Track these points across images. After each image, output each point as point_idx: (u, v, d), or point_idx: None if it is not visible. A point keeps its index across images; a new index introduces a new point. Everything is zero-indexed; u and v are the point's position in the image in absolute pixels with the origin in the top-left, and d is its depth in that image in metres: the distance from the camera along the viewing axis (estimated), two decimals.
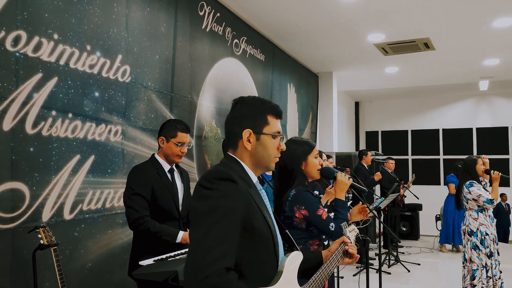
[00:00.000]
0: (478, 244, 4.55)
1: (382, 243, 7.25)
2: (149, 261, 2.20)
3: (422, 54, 8.09)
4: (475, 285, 4.52)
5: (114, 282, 3.81)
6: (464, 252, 4.67)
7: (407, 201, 8.89)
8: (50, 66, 3.26)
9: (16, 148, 3.04)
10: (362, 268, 6.23)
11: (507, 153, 12.58)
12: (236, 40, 6.08)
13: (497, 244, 4.65)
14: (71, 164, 3.48)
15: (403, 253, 7.48)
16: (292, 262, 1.60)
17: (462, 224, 4.75)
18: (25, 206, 3.12)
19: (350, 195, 6.60)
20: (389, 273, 6.10)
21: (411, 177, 8.71)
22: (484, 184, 4.77)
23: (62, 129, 3.38)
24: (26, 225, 3.05)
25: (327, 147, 9.77)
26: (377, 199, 4.63)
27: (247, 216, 1.45)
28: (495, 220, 4.70)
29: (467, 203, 4.65)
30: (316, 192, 3.90)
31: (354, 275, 5.93)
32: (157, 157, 2.82)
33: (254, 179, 1.61)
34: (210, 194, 1.41)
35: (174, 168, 3.07)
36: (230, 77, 5.94)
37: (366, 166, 6.80)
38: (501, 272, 4.62)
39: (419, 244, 8.43)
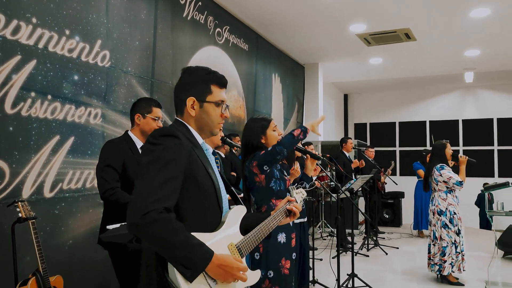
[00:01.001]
0: (448, 222, 4.74)
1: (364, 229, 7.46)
2: (116, 225, 2.34)
3: (404, 45, 8.26)
4: (446, 261, 4.73)
5: (95, 260, 3.95)
6: (433, 230, 4.87)
7: (389, 189, 9.08)
8: (28, 49, 3.39)
9: None
10: (341, 251, 6.41)
11: (492, 144, 12.80)
12: (218, 29, 6.21)
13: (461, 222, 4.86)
14: (50, 144, 3.61)
15: (383, 238, 7.68)
16: (234, 213, 1.76)
17: (430, 205, 4.94)
18: (5, 183, 3.25)
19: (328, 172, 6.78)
20: (367, 256, 6.30)
21: (391, 165, 8.88)
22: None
23: (41, 110, 3.51)
24: (6, 201, 3.18)
25: (313, 136, 9.92)
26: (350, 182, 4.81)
27: (190, 169, 1.61)
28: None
29: (437, 185, 4.84)
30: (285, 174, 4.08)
31: (333, 258, 6.11)
32: (131, 134, 2.93)
33: (200, 140, 1.77)
34: (154, 148, 1.58)
35: None
36: (212, 65, 5.98)
37: (346, 153, 6.96)
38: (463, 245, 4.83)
39: (400, 230, 8.63)
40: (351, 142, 7.03)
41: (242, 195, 3.32)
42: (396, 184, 7.71)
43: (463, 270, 4.76)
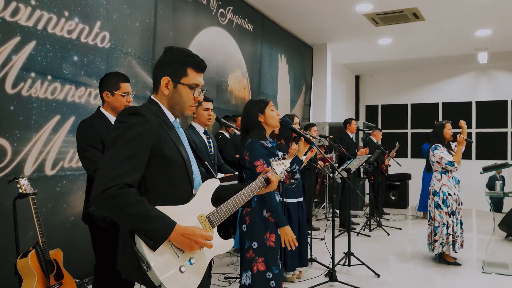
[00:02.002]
0: (440, 203, 4.75)
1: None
2: None
3: (413, 24, 8.14)
4: (436, 240, 4.77)
5: None
6: (429, 211, 4.91)
7: (396, 171, 9.06)
8: (28, 30, 3.48)
9: None
10: (342, 231, 6.49)
11: (506, 127, 12.62)
12: (221, 10, 6.22)
13: (459, 205, 4.84)
14: (51, 124, 3.73)
15: (388, 219, 7.72)
16: (206, 186, 1.83)
17: (429, 185, 4.96)
18: (7, 160, 3.39)
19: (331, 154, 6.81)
20: (369, 236, 6.36)
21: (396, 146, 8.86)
22: (454, 147, 4.96)
23: (41, 90, 3.62)
24: (8, 177, 3.31)
25: (321, 118, 9.94)
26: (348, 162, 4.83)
27: (157, 146, 1.67)
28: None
29: (433, 165, 4.85)
30: (281, 154, 4.13)
31: (335, 237, 6.18)
32: (103, 110, 2.88)
33: (172, 118, 1.82)
34: (119, 126, 1.65)
35: None
36: (214, 47, 6.10)
37: (350, 134, 6.96)
38: (462, 230, 4.83)
39: (406, 212, 8.65)
40: (355, 123, 7.02)
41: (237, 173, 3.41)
42: (400, 166, 7.71)
43: (456, 252, 4.76)
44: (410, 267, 4.86)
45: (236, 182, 3.25)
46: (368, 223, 6.73)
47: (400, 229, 6.89)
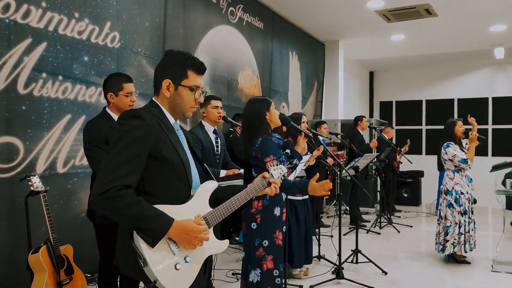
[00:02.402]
0: (453, 202, 4.71)
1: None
2: None
3: (426, 20, 8.06)
4: (448, 240, 4.72)
5: None
6: (440, 210, 4.87)
7: (408, 168, 8.99)
8: (39, 32, 3.57)
9: (9, 106, 3.39)
10: (352, 229, 6.50)
11: None
12: (231, 8, 6.26)
13: (473, 204, 4.82)
14: (62, 123, 3.82)
15: (399, 217, 7.69)
16: (204, 188, 1.88)
17: (440, 184, 4.93)
18: (19, 159, 3.49)
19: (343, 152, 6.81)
20: (379, 234, 6.35)
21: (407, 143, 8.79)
22: (465, 144, 4.91)
23: (52, 90, 3.71)
24: (21, 175, 3.41)
25: (333, 114, 9.92)
26: (356, 160, 4.83)
27: (156, 148, 1.72)
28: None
29: (445, 163, 4.80)
30: (288, 151, 4.16)
31: (344, 235, 6.20)
32: (108, 111, 2.95)
33: (172, 120, 1.87)
34: (121, 129, 1.71)
35: None
36: (224, 45, 6.14)
37: (361, 132, 6.94)
38: (474, 229, 4.79)
39: (418, 209, 8.59)
40: (366, 120, 7.01)
41: (242, 170, 3.44)
42: (411, 163, 7.66)
43: (466, 252, 4.72)
44: (419, 265, 4.85)
45: (241, 180, 3.28)
46: (378, 221, 6.72)
47: (411, 226, 6.86)
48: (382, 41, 9.77)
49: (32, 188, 3.15)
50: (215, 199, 1.90)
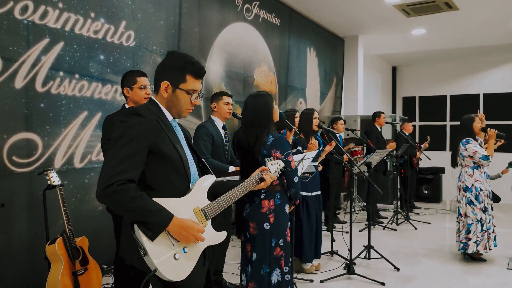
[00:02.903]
0: (473, 199, 4.65)
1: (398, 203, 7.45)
2: None
3: (446, 14, 7.92)
4: (470, 239, 4.65)
5: None
6: (458, 207, 4.80)
7: (430, 164, 8.86)
8: (56, 32, 3.70)
9: (28, 103, 3.54)
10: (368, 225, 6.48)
11: None
12: (247, 5, 6.31)
13: (491, 200, 4.75)
14: (79, 119, 3.96)
15: (418, 213, 7.61)
16: (202, 182, 1.95)
17: (457, 181, 4.85)
18: (38, 154, 3.64)
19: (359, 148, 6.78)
20: (395, 230, 6.31)
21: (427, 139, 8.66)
22: (479, 143, 4.83)
23: (69, 88, 3.85)
24: (39, 170, 3.55)
25: (352, 110, 9.86)
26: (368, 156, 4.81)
27: (155, 143, 1.80)
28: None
29: (463, 160, 4.73)
30: (300, 148, 4.20)
31: (360, 231, 6.20)
32: (127, 106, 3.10)
33: (170, 118, 1.94)
34: (121, 126, 1.79)
35: None
36: (240, 42, 6.20)
37: (379, 128, 6.89)
38: (494, 226, 4.73)
39: (439, 206, 8.48)
40: (384, 116, 6.95)
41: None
42: (430, 159, 7.56)
43: (489, 249, 4.66)
44: (433, 262, 4.81)
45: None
46: (395, 217, 6.67)
47: (429, 223, 6.79)
48: (403, 36, 9.64)
49: (49, 182, 3.29)
50: (214, 193, 1.97)
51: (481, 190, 4.66)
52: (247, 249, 2.83)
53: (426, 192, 8.91)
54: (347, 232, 6.03)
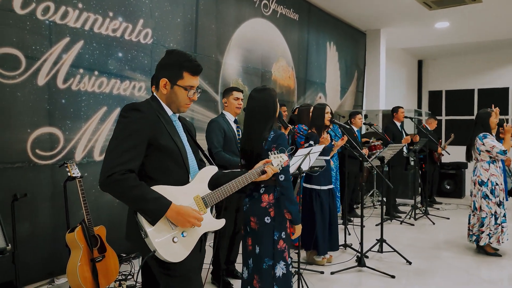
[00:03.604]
0: (488, 193, 4.63)
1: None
2: None
3: (470, 7, 7.79)
4: (483, 231, 4.67)
5: None
6: (474, 201, 4.78)
7: (452, 159, 8.75)
8: (76, 31, 3.89)
9: (50, 99, 3.74)
10: (385, 219, 6.50)
11: None
12: (265, 1, 6.38)
13: (506, 194, 4.73)
14: (99, 114, 4.15)
15: (438, 208, 7.54)
16: (204, 172, 2.06)
17: (472, 175, 4.83)
18: (60, 147, 3.85)
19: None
20: (412, 225, 6.29)
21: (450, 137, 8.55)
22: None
23: (89, 85, 4.04)
24: (61, 162, 3.75)
25: (374, 105, 9.81)
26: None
27: (154, 136, 1.92)
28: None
29: (479, 154, 4.70)
30: (312, 142, 4.27)
31: (376, 225, 6.22)
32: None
33: (170, 113, 2.06)
34: (122, 121, 1.92)
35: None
36: (258, 37, 6.29)
37: (397, 123, 6.85)
38: (505, 218, 4.71)
39: (460, 202, 8.36)
40: (403, 112, 6.91)
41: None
42: (449, 155, 7.48)
43: (502, 242, 4.65)
44: (447, 256, 4.81)
45: None
46: (413, 212, 6.65)
47: (448, 218, 6.73)
48: (426, 29, 9.52)
49: (69, 174, 3.48)
50: (217, 184, 2.09)
51: (497, 184, 4.65)
52: (248, 243, 2.84)
53: (448, 187, 8.80)
54: (363, 226, 6.08)
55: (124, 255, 4.33)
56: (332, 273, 4.19)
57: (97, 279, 3.41)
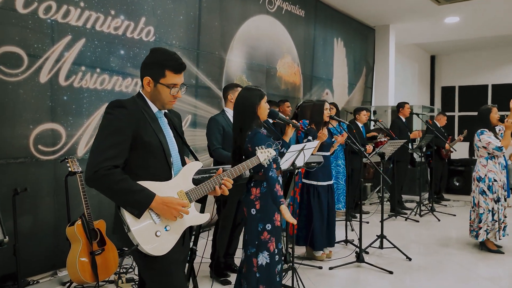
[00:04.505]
0: (486, 189, 4.61)
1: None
2: None
3: (480, 1, 7.69)
4: (481, 228, 4.64)
5: None
6: (473, 197, 4.76)
7: (461, 156, 8.66)
8: (78, 30, 3.98)
9: (52, 96, 3.83)
10: (390, 215, 6.49)
11: None
12: None
13: (505, 191, 4.69)
14: (101, 111, 4.23)
15: (445, 205, 7.48)
16: (189, 168, 2.11)
17: (473, 171, 4.81)
18: (62, 143, 3.94)
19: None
20: (417, 221, 6.26)
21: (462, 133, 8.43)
22: (501, 134, 4.74)
23: (91, 82, 4.12)
24: (63, 158, 3.86)
25: (383, 101, 9.76)
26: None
27: (138, 132, 1.97)
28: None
29: (478, 150, 4.68)
30: (310, 138, 4.29)
31: (380, 221, 6.21)
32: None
33: (155, 109, 2.11)
34: (107, 117, 1.98)
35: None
36: (262, 34, 6.31)
37: (403, 119, 6.81)
38: (505, 216, 4.67)
39: (469, 199, 8.26)
40: (408, 107, 6.86)
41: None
42: (455, 151, 7.42)
43: (500, 239, 4.63)
44: (448, 253, 4.79)
45: None
46: (419, 208, 6.62)
47: (454, 215, 6.68)
48: (436, 24, 9.42)
49: (70, 169, 3.57)
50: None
51: (495, 180, 4.63)
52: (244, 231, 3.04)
53: (457, 184, 8.72)
54: (367, 222, 6.09)
55: (126, 249, 4.41)
56: (330, 268, 4.21)
57: (96, 271, 3.50)
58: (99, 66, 4.18)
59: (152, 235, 1.96)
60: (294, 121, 2.97)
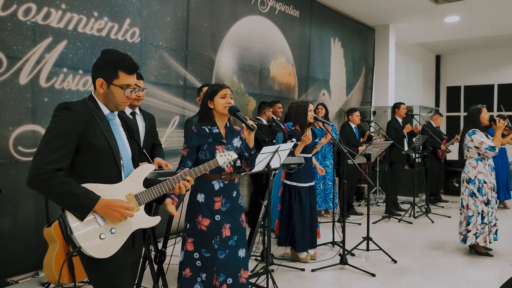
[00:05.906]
0: (475, 191, 4.52)
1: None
2: None
3: (479, 0, 7.58)
4: (470, 231, 4.54)
5: None
6: (462, 199, 4.68)
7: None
8: (59, 31, 3.99)
9: (33, 98, 3.85)
10: (384, 217, 6.43)
11: None
12: None
13: (496, 192, 4.60)
14: None
15: (442, 207, 7.38)
16: (139, 170, 2.10)
17: (462, 172, 4.74)
18: None
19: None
20: (411, 223, 6.18)
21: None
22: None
23: (73, 83, 4.14)
24: None
25: (383, 101, 9.67)
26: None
27: (85, 135, 1.96)
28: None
29: (468, 151, 4.59)
30: (294, 139, 4.26)
31: (373, 223, 6.16)
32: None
33: (106, 112, 2.09)
34: (53, 120, 1.97)
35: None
36: (254, 35, 6.29)
37: (399, 119, 6.73)
38: (497, 219, 4.59)
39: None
40: (404, 108, 6.78)
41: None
42: (450, 151, 7.32)
43: (490, 242, 4.54)
44: (435, 255, 4.72)
45: None
46: (413, 210, 6.54)
47: (450, 217, 6.59)
48: (435, 23, 9.30)
49: None
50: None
51: (485, 182, 4.55)
52: None
53: (456, 185, 8.61)
54: (359, 224, 6.03)
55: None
56: (313, 270, 4.17)
57: (73, 272, 3.51)
58: (81, 68, 4.19)
59: (96, 237, 1.94)
60: (253, 122, 2.76)
